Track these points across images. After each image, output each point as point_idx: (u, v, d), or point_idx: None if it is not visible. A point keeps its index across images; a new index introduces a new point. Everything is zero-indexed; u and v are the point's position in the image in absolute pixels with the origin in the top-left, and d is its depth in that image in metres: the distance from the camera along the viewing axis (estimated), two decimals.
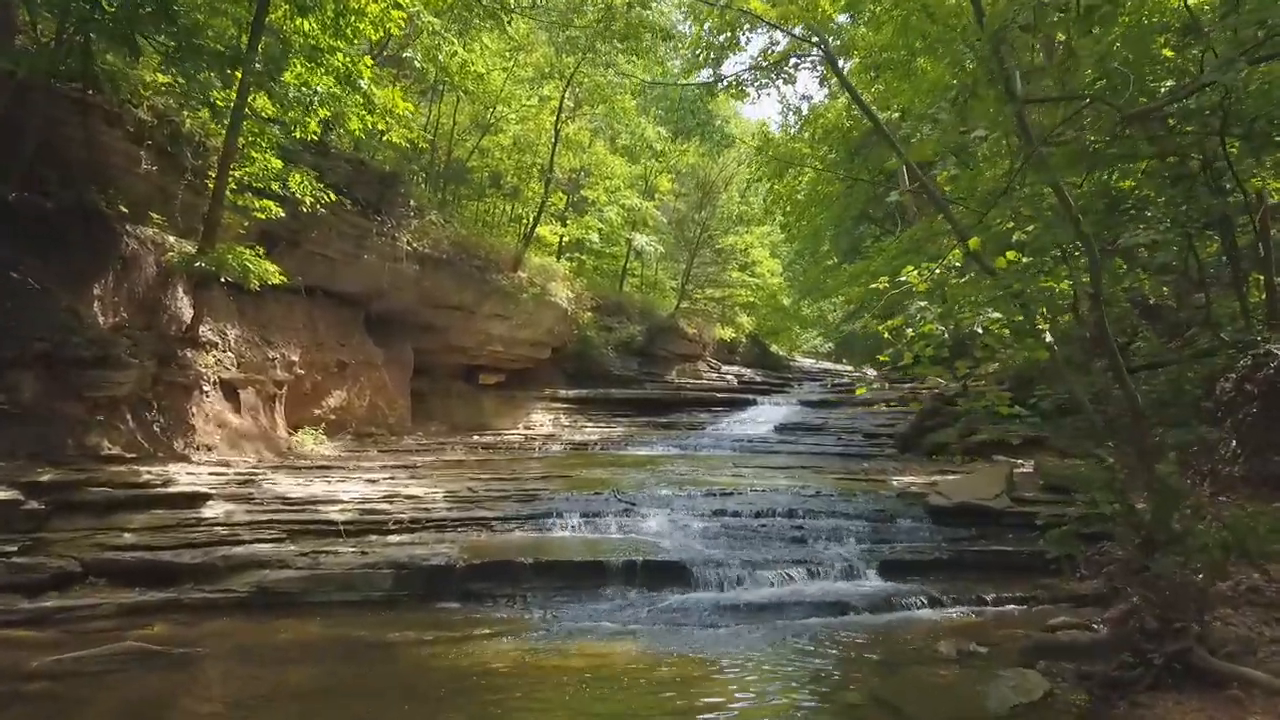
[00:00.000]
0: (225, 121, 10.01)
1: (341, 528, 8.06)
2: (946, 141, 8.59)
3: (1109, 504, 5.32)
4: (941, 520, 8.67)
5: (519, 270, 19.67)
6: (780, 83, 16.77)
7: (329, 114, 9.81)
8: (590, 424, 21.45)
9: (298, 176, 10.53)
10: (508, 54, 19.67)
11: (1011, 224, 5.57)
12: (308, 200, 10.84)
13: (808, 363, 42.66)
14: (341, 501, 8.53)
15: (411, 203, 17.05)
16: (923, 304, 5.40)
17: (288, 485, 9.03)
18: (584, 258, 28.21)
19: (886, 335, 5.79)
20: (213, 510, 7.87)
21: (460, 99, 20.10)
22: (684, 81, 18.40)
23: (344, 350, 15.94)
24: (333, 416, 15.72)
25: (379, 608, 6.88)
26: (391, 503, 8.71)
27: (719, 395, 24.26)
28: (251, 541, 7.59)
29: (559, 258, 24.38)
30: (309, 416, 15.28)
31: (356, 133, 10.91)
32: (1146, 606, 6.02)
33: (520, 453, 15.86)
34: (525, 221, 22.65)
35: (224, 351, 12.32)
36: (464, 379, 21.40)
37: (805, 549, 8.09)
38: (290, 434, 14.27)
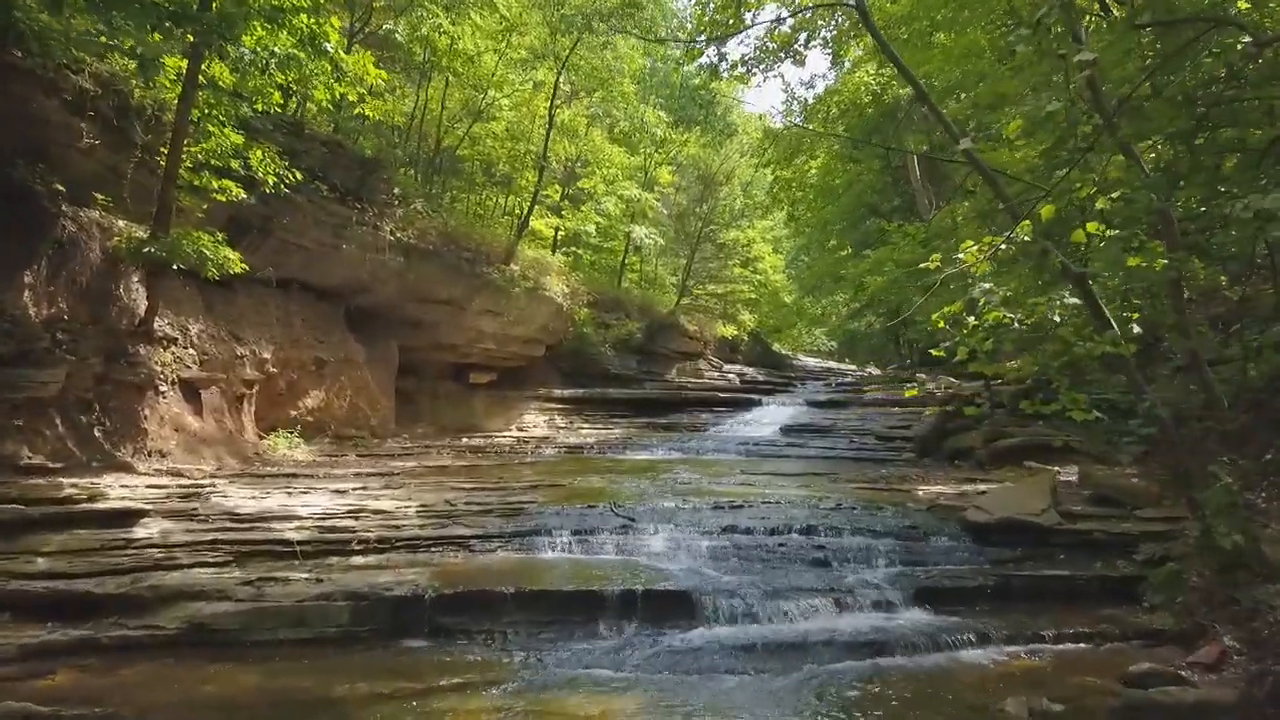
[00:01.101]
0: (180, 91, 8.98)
1: (297, 549, 7.02)
2: (995, 92, 7.50)
3: (1226, 535, 4.29)
4: (982, 539, 7.64)
5: (512, 263, 18.62)
6: (790, 62, 15.77)
7: (289, 80, 8.73)
8: (586, 425, 20.41)
9: (259, 153, 9.48)
10: (499, 35, 18.61)
11: (1093, 189, 4.56)
12: (270, 180, 9.79)
13: (811, 361, 41.69)
14: (299, 518, 7.48)
15: (396, 190, 16.01)
16: (987, 286, 4.38)
17: (241, 498, 7.98)
18: (581, 252, 27.17)
19: (942, 325, 4.76)
20: (146, 529, 6.83)
21: (449, 82, 19.03)
22: (685, 61, 17.34)
23: (322, 347, 14.89)
24: (310, 418, 14.68)
25: (333, 648, 5.85)
26: (358, 518, 7.66)
27: (721, 395, 23.22)
28: (190, 566, 6.56)
29: (554, 251, 23.34)
30: (284, 418, 14.24)
31: (324, 103, 9.88)
32: (1251, 652, 5.01)
33: (511, 457, 14.82)
34: (519, 214, 21.59)
35: (185, 348, 11.28)
36: (453, 378, 20.34)
37: (829, 574, 7.06)
38: (261, 437, 13.23)
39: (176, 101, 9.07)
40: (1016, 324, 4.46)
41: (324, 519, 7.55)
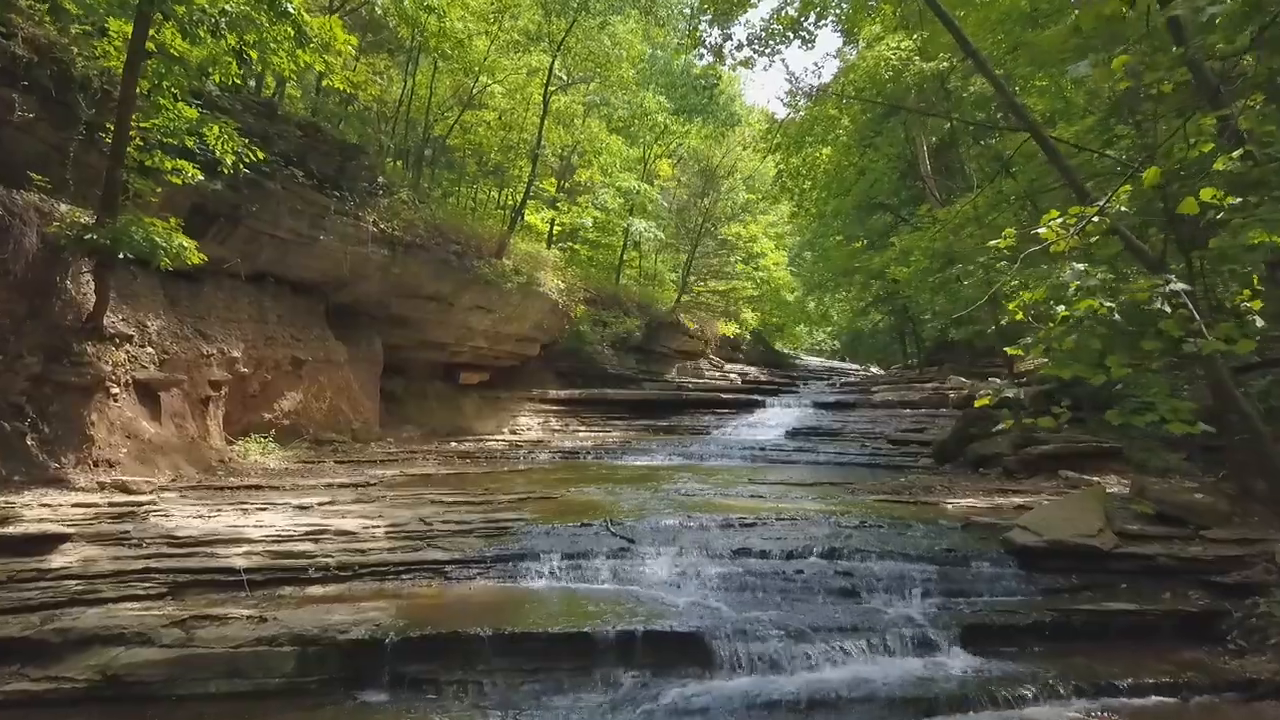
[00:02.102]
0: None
1: (244, 577, 6.08)
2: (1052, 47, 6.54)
3: None
4: (1030, 564, 6.69)
5: (504, 258, 17.65)
6: (797, 44, 14.84)
7: (245, 45, 7.76)
8: (583, 428, 19.46)
9: (215, 129, 8.50)
10: (491, 16, 17.65)
11: (1208, 145, 3.64)
12: (228, 160, 8.82)
13: (814, 360, 40.83)
14: (249, 540, 6.52)
15: (380, 179, 15.05)
16: (1081, 267, 3.45)
17: (185, 517, 7.02)
18: (578, 247, 26.21)
19: (1020, 316, 3.82)
20: (66, 557, 5.87)
21: (438, 67, 18.07)
22: (689, 44, 16.39)
23: (300, 345, 13.92)
24: (286, 421, 13.72)
25: (276, 702, 4.91)
26: (317, 541, 6.70)
27: (724, 396, 22.26)
28: (115, 600, 5.62)
29: (549, 246, 22.38)
30: (257, 421, 13.28)
31: (287, 73, 8.90)
32: None
33: (502, 463, 13.87)
34: (513, 206, 20.61)
35: (141, 346, 10.31)
36: (443, 378, 19.39)
37: (859, 607, 6.12)
38: (231, 443, 12.27)
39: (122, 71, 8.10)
40: (1115, 314, 3.54)
41: (278, 541, 6.59)
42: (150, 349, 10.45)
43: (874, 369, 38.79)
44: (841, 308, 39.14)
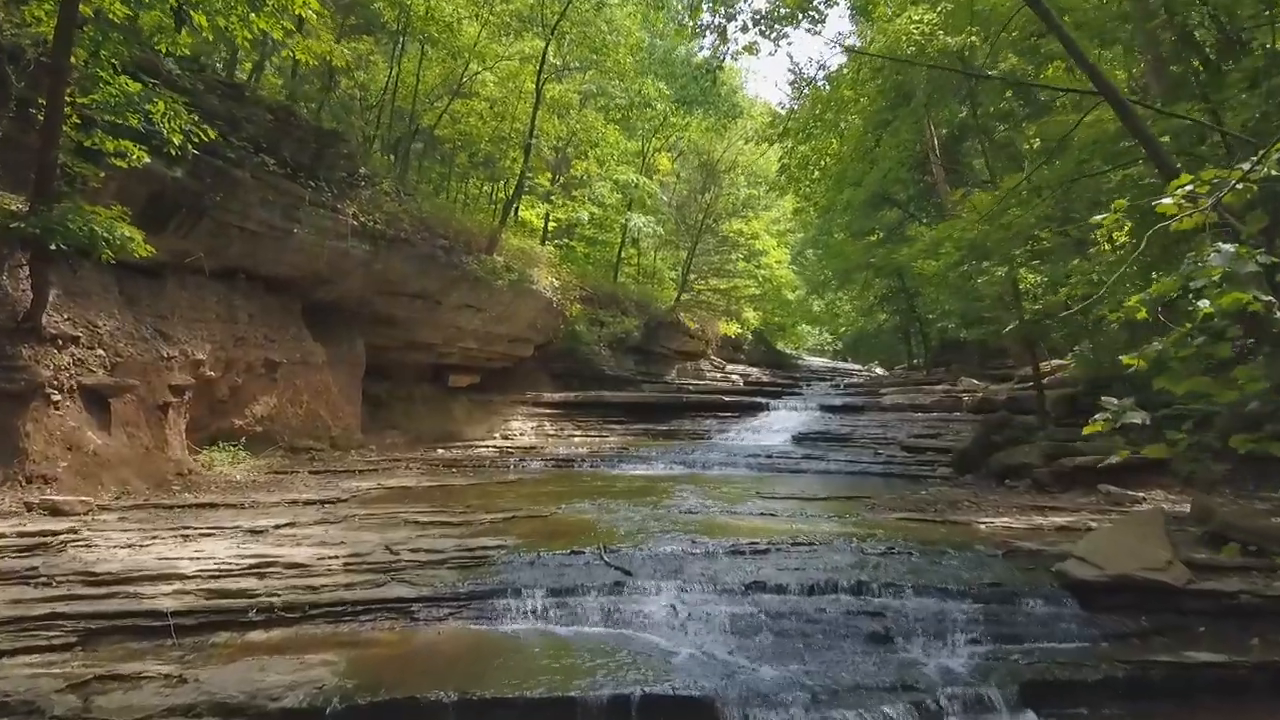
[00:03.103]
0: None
1: (171, 622, 5.15)
2: None
3: None
4: (1091, 602, 5.76)
5: (495, 253, 16.73)
6: (805, 26, 13.90)
7: (183, 2, 6.83)
8: (579, 432, 18.54)
9: (161, 104, 7.57)
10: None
11: None
12: (175, 140, 7.89)
13: (816, 361, 39.98)
14: (182, 575, 5.59)
15: (361, 169, 14.13)
16: (1229, 248, 2.57)
17: (111, 546, 6.10)
18: (574, 244, 25.29)
19: (1144, 314, 2.91)
20: None
21: (426, 53, 17.14)
22: (692, 24, 15.46)
23: (274, 346, 12.99)
24: (258, 428, 12.79)
25: None
26: (263, 575, 5.78)
27: (726, 399, 21.34)
28: (9, 654, 4.69)
29: (544, 243, 21.45)
30: (227, 429, 12.36)
31: (241, 41, 7.95)
32: None
33: (491, 472, 12.95)
34: (505, 199, 19.67)
35: (90, 348, 9.38)
36: (431, 380, 18.47)
37: (895, 657, 5.20)
38: (195, 453, 11.33)
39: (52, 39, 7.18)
40: (1278, 310, 2.66)
41: (216, 577, 5.66)
42: (101, 351, 9.52)
43: (877, 369, 37.92)
44: (846, 307, 38.28)
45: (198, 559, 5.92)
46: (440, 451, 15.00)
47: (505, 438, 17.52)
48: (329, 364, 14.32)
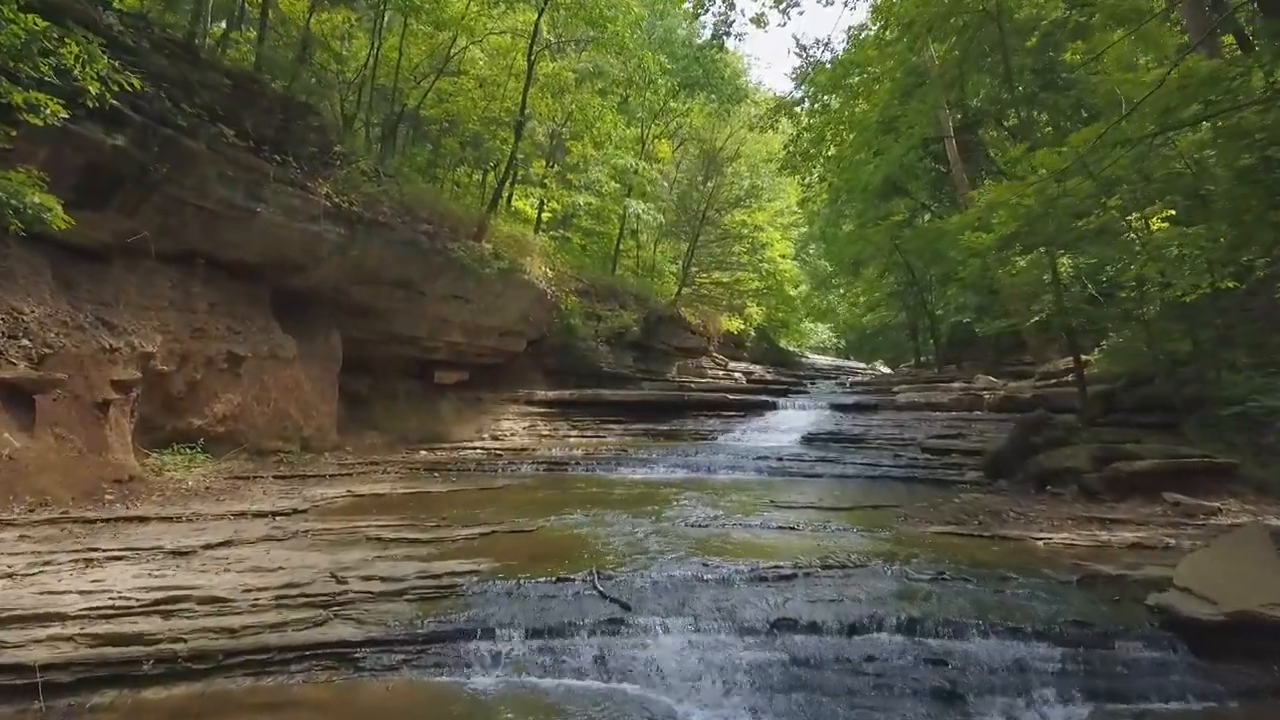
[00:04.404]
0: None
1: (39, 679, 4.00)
2: None
3: None
4: (1208, 647, 4.62)
5: (483, 240, 15.57)
6: None
7: None
8: (574, 432, 17.38)
9: (73, 46, 6.41)
10: None
11: None
12: (93, 89, 6.72)
13: (820, 359, 38.90)
14: (65, 617, 4.44)
15: (336, 146, 12.97)
16: None
17: None
18: (570, 235, 24.14)
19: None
20: None
21: (409, 25, 15.97)
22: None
23: (237, 339, 11.83)
24: (220, 429, 11.62)
25: None
26: (169, 614, 4.62)
27: (730, 397, 20.18)
28: None
29: (537, 232, 20.29)
30: (184, 429, 11.19)
31: None
32: None
33: (476, 477, 11.79)
34: (496, 182, 18.50)
35: (12, 338, 8.26)
36: (417, 376, 17.29)
37: None
38: (145, 455, 10.18)
39: None
40: None
41: (110, 616, 4.52)
42: (26, 341, 8.38)
43: (882, 367, 36.83)
44: (847, 306, 37.21)
45: (91, 592, 4.76)
46: (423, 454, 13.85)
47: (495, 438, 16.38)
48: (301, 358, 13.16)
